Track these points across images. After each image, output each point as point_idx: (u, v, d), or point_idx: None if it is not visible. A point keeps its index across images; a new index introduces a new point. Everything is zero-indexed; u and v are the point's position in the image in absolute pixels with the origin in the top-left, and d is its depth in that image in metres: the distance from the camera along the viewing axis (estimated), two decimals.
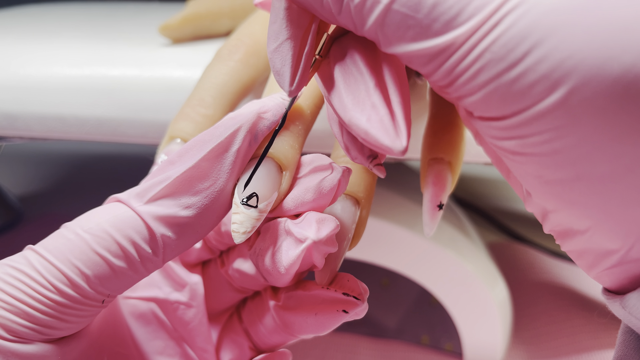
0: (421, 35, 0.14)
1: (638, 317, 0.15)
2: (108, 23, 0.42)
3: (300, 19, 0.17)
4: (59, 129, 0.32)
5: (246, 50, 0.28)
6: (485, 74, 0.13)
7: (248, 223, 0.18)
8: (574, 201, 0.14)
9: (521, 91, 0.13)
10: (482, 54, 0.13)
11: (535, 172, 0.14)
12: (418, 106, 0.30)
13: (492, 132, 0.15)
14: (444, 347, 0.43)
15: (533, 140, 0.14)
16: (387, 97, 0.16)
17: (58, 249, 0.16)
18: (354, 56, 0.17)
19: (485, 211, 0.56)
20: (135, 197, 0.18)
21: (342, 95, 0.16)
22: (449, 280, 0.37)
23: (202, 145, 0.18)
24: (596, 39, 0.12)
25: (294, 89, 0.17)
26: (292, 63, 0.17)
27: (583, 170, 0.13)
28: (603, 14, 0.12)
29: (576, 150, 0.13)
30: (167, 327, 0.23)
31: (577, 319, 0.43)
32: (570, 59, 0.12)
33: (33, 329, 0.16)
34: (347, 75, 0.16)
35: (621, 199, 0.14)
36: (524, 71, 0.13)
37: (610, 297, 0.16)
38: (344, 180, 0.19)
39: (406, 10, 0.14)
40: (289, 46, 0.17)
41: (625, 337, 0.17)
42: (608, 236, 0.15)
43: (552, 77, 0.13)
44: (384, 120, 0.15)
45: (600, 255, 0.15)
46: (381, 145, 0.15)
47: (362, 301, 0.19)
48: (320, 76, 0.18)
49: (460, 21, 0.13)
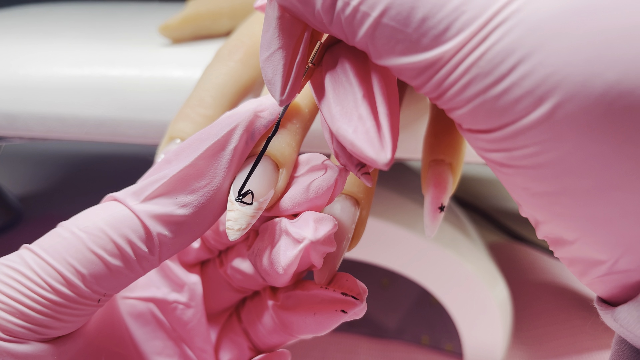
0: (410, 50, 0.14)
1: (629, 330, 0.15)
2: (108, 23, 0.42)
3: (292, 28, 0.17)
4: (59, 129, 0.32)
5: (246, 50, 0.28)
6: (472, 88, 0.14)
7: (243, 220, 0.18)
8: (560, 213, 0.14)
9: (507, 106, 0.13)
10: (469, 69, 0.13)
11: (522, 185, 0.15)
12: (418, 107, 0.30)
13: (480, 144, 0.15)
14: (444, 348, 0.43)
15: (519, 153, 0.14)
16: (374, 109, 0.16)
17: (54, 248, 0.16)
18: (344, 65, 0.17)
19: (485, 211, 0.56)
20: (132, 195, 0.18)
21: (331, 105, 0.16)
22: (449, 280, 0.37)
23: (198, 143, 0.18)
24: (580, 55, 0.12)
25: (285, 99, 0.17)
26: (283, 72, 0.17)
27: (568, 184, 0.14)
28: (588, 30, 0.12)
29: (561, 164, 0.13)
30: (165, 327, 0.23)
31: (577, 319, 0.43)
32: (555, 75, 0.12)
33: (28, 328, 0.16)
34: (337, 85, 0.16)
35: (606, 212, 0.14)
36: (509, 86, 0.13)
37: (603, 308, 0.16)
38: (340, 180, 0.19)
39: (395, 24, 0.14)
40: (280, 55, 0.17)
41: (619, 346, 0.17)
42: (595, 247, 0.15)
43: (537, 92, 0.13)
44: (370, 132, 0.15)
45: (589, 264, 0.15)
46: (366, 157, 0.15)
47: (360, 301, 0.19)
48: (313, 84, 0.18)
49: (448, 36, 0.13)
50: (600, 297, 0.17)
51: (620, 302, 0.16)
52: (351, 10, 0.14)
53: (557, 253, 0.16)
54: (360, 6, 0.14)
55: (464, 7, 0.13)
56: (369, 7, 0.14)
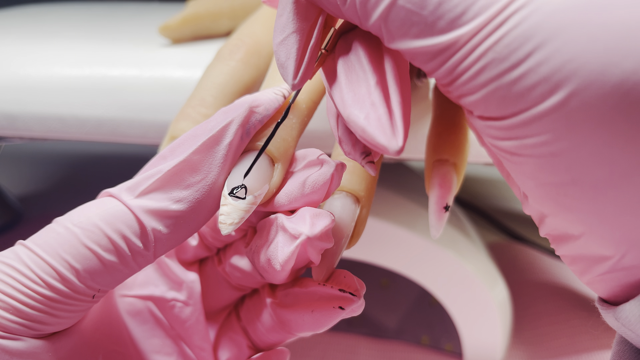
0: (425, 33, 0.14)
1: (631, 329, 0.15)
2: (108, 23, 0.43)
3: (307, 12, 0.17)
4: (59, 129, 0.32)
5: (247, 50, 0.28)
6: (486, 73, 0.13)
7: (235, 214, 0.18)
8: (568, 205, 0.14)
9: (521, 92, 0.13)
10: (484, 53, 0.13)
11: (532, 174, 0.15)
12: (420, 107, 0.30)
13: (491, 131, 0.15)
14: (444, 347, 0.43)
15: (530, 141, 0.14)
16: (387, 96, 0.16)
17: (48, 244, 0.16)
18: (358, 52, 0.16)
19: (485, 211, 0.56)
20: (126, 190, 0.18)
21: (343, 90, 0.16)
22: (448, 281, 0.37)
23: (193, 139, 0.18)
24: (598, 43, 0.12)
25: (297, 83, 0.17)
26: (296, 56, 0.17)
27: (578, 175, 0.13)
28: (607, 18, 0.12)
29: (572, 154, 0.13)
30: (164, 326, 0.23)
31: (577, 319, 0.43)
32: (571, 62, 0.12)
33: (22, 324, 0.16)
34: (350, 71, 0.16)
35: (615, 205, 0.14)
36: (525, 72, 0.13)
37: (605, 307, 0.16)
38: (337, 175, 0.19)
39: (411, 7, 0.14)
40: (294, 39, 0.17)
41: (620, 347, 0.17)
42: (601, 243, 0.15)
43: (553, 79, 0.13)
44: (382, 119, 0.15)
45: (593, 261, 0.15)
46: (377, 144, 0.15)
47: (358, 297, 0.19)
48: (324, 70, 0.18)
49: (465, 20, 0.13)
50: (600, 297, 0.17)
51: (620, 301, 0.16)
52: None
53: (560, 250, 0.16)
54: None
55: None
56: None
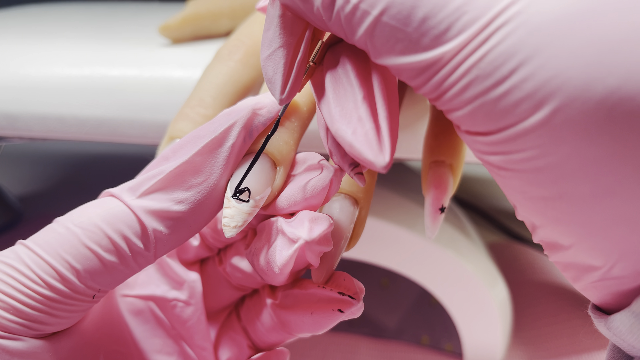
0: (410, 49, 0.14)
1: (622, 339, 0.15)
2: (108, 23, 0.43)
3: (294, 26, 0.17)
4: (59, 129, 0.32)
5: (246, 50, 0.28)
6: (471, 90, 0.13)
7: (239, 217, 0.18)
8: (556, 218, 0.14)
9: (506, 108, 0.13)
10: (469, 70, 0.13)
11: (520, 188, 0.15)
12: (418, 108, 0.30)
13: (478, 146, 0.15)
14: (444, 347, 0.43)
15: (517, 157, 0.14)
16: (374, 111, 0.16)
17: (48, 243, 0.16)
18: (345, 65, 0.16)
19: (485, 211, 0.56)
20: (128, 191, 0.18)
21: (331, 105, 0.16)
22: (448, 280, 0.37)
23: (196, 140, 0.18)
24: (582, 59, 0.12)
25: (285, 98, 0.17)
26: (284, 71, 0.17)
27: (565, 189, 0.14)
28: (590, 34, 0.12)
29: (558, 169, 0.13)
30: (165, 325, 0.23)
31: (577, 319, 0.43)
32: (555, 78, 0.12)
33: (22, 324, 0.16)
34: (337, 85, 0.16)
35: (602, 218, 0.14)
36: (509, 89, 0.13)
37: (597, 316, 0.16)
38: (336, 180, 0.19)
39: (395, 23, 0.14)
40: (281, 54, 0.17)
41: (613, 354, 0.17)
42: (590, 253, 0.15)
43: (537, 96, 0.13)
44: (369, 134, 0.15)
45: (583, 270, 0.15)
46: (364, 160, 0.15)
47: (357, 300, 0.19)
48: (313, 83, 0.18)
49: (449, 36, 0.13)
50: (594, 304, 0.17)
51: (614, 309, 0.16)
52: (351, 8, 0.14)
53: (552, 258, 0.16)
54: (361, 4, 0.14)
55: (466, 8, 0.13)
56: (369, 5, 0.14)
